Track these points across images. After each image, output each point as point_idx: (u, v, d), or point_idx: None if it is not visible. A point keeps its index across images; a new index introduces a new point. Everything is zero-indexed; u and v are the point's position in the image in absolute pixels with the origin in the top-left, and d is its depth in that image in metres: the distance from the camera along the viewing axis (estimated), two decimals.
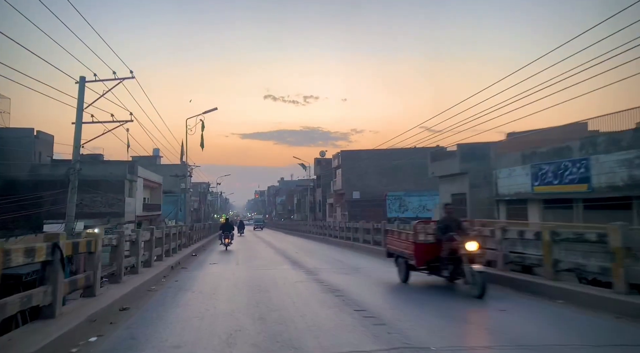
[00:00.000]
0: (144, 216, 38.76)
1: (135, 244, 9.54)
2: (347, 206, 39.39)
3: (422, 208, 37.87)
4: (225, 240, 20.46)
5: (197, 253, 18.38)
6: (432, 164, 22.97)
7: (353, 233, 20.43)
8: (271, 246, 21.88)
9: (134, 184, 34.18)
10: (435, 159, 22.91)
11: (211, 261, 14.70)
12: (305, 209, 66.76)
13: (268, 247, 21.46)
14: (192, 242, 21.37)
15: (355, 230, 20.19)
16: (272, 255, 16.84)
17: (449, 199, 20.71)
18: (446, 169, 20.99)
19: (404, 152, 40.21)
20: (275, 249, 19.74)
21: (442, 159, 22.17)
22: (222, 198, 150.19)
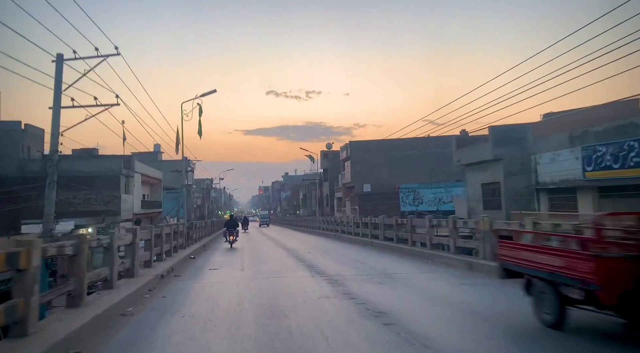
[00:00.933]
0: (143, 214, 36.70)
1: (110, 250, 7.34)
2: (358, 200, 37.16)
3: (438, 200, 35.60)
4: (230, 237, 19.67)
5: (197, 254, 16.23)
6: (457, 151, 20.66)
7: (372, 230, 18.22)
8: (280, 245, 19.69)
9: (131, 180, 32.05)
10: (461, 145, 20.58)
11: (212, 265, 12.52)
12: (311, 204, 64.59)
13: (276, 246, 19.29)
14: (192, 242, 19.25)
15: (375, 225, 17.96)
16: (282, 256, 14.63)
17: (478, 189, 18.45)
18: (475, 155, 18.69)
19: (416, 142, 37.85)
20: (286, 249, 17.55)
21: (470, 144, 19.84)
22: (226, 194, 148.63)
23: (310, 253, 15.14)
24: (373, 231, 18.23)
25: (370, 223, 18.46)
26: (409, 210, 35.11)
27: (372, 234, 18.21)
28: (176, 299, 7.34)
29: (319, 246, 18.23)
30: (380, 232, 17.05)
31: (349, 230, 22.50)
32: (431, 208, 35.12)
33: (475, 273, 9.32)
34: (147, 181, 40.45)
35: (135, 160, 32.77)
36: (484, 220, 9.72)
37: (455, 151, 20.59)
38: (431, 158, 38.51)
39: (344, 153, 42.96)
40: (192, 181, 72.17)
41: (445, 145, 39.83)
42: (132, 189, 32.34)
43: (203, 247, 19.27)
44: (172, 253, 13.53)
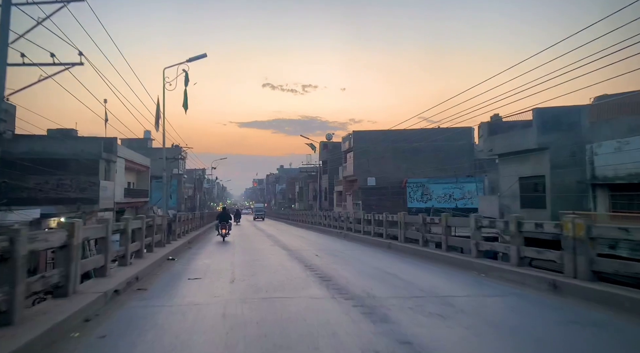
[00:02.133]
0: (126, 203, 33.59)
1: (12, 260, 4.37)
2: (361, 195, 34.32)
3: (448, 197, 32.85)
4: (222, 230, 18.74)
5: (179, 254, 13.29)
6: (489, 139, 17.76)
7: (388, 228, 15.39)
8: (279, 244, 16.78)
9: (113, 166, 28.92)
10: (494, 131, 17.68)
11: (193, 272, 9.56)
12: (308, 198, 61.71)
13: (274, 244, 16.38)
14: (176, 237, 16.30)
15: (391, 223, 15.11)
16: (284, 259, 11.70)
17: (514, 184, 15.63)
18: (513, 144, 15.83)
19: (425, 133, 35.05)
20: (286, 249, 14.62)
21: (505, 131, 16.97)
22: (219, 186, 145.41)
23: (319, 256, 12.24)
24: (390, 230, 15.40)
25: (385, 220, 15.59)
26: (416, 207, 32.33)
27: (389, 234, 15.37)
28: (120, 344, 4.40)
29: (326, 247, 15.34)
30: (399, 232, 14.20)
31: (356, 228, 19.65)
32: (441, 205, 32.36)
33: (567, 298, 6.48)
34: (132, 168, 37.29)
35: (117, 143, 29.58)
36: (577, 223, 6.86)
37: (487, 139, 17.70)
38: (441, 151, 35.74)
39: (346, 143, 40.05)
40: (183, 170, 69.04)
41: (456, 137, 37.03)
42: (114, 176, 29.21)
43: (188, 244, 16.33)
44: (143, 254, 10.59)
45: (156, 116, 16.89)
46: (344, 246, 15.55)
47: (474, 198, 32.22)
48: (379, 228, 16.49)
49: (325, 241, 18.29)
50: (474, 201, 32.23)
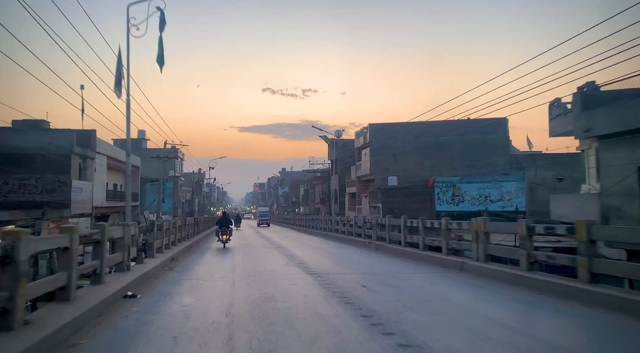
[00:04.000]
0: (109, 207, 29.08)
1: None
2: (381, 196, 29.79)
3: (484, 198, 28.30)
4: (223, 236, 17.81)
5: (151, 282, 8.74)
6: (584, 114, 13.18)
7: (449, 239, 10.89)
8: (296, 261, 12.05)
9: (90, 163, 24.42)
10: (590, 105, 13.09)
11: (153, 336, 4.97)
12: (314, 201, 57.22)
13: (291, 263, 11.64)
14: (154, 253, 11.80)
15: (449, 231, 10.61)
16: (318, 299, 6.74)
17: (628, 176, 11.10)
18: (628, 119, 11.28)
19: (453, 125, 30.59)
20: (311, 273, 9.55)
21: (606, 103, 12.45)
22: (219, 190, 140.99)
23: (368, 288, 7.64)
24: (454, 242, 10.92)
25: (446, 228, 11.05)
26: (446, 210, 27.81)
27: (452, 247, 10.87)
28: None
29: (365, 268, 10.77)
30: (476, 247, 9.66)
31: (392, 237, 15.14)
32: (476, 207, 27.85)
33: None
34: (118, 168, 32.82)
35: (96, 137, 25.10)
36: None
37: (580, 115, 12.98)
38: (471, 145, 31.26)
39: (361, 139, 35.57)
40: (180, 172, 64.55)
41: (489, 130, 32.55)
42: (92, 176, 24.71)
43: (170, 262, 11.79)
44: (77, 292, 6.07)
45: (116, 74, 12.16)
46: (389, 266, 11.00)
47: (514, 199, 27.74)
48: (434, 240, 12.01)
49: (357, 256, 13.71)
50: (513, 202, 27.75)
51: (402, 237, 14.05)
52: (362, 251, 15.27)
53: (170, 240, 14.63)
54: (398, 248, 13.97)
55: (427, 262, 11.14)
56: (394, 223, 15.46)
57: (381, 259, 12.65)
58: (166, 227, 14.18)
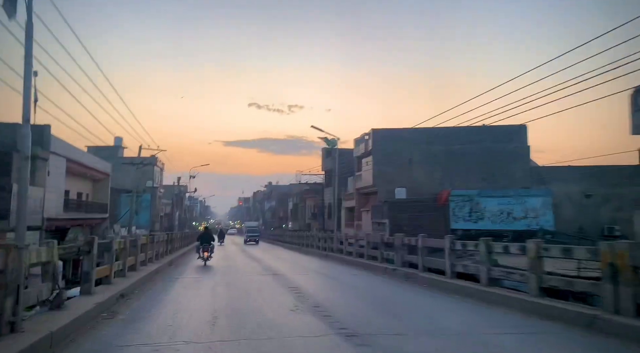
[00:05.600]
0: (70, 219, 24.61)
1: None
2: (387, 211, 25.95)
3: (507, 215, 24.71)
4: (204, 254, 16.67)
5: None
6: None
7: (539, 271, 7.12)
8: (317, 311, 7.33)
9: (41, 164, 20.10)
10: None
11: None
12: (305, 216, 53.12)
13: (304, 310, 7.31)
14: (92, 286, 7.69)
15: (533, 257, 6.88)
16: None
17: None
18: None
19: (467, 131, 27.21)
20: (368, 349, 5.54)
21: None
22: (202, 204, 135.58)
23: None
24: (556, 280, 7.15)
25: (536, 253, 7.27)
26: (463, 228, 24.14)
27: (552, 286, 7.08)
28: None
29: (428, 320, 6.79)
30: (611, 290, 5.89)
31: (428, 264, 11.31)
32: (497, 226, 24.24)
33: None
34: (83, 174, 28.40)
35: (51, 134, 20.83)
36: None
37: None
38: (487, 155, 27.83)
39: (361, 146, 31.88)
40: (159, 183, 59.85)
41: (506, 138, 29.30)
42: (44, 180, 20.35)
43: (115, 303, 7.67)
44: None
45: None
46: (459, 316, 7.02)
47: (540, 216, 24.22)
48: (510, 271, 8.23)
49: (393, 294, 9.62)
50: (539, 220, 24.22)
51: (448, 265, 10.19)
52: (391, 282, 11.30)
53: (125, 265, 10.51)
54: (442, 280, 10.10)
55: (510, 308, 7.24)
56: (431, 244, 11.62)
57: (431, 299, 8.69)
58: (118, 247, 10.07)
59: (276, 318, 6.48)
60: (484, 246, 8.84)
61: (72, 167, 24.99)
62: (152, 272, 12.45)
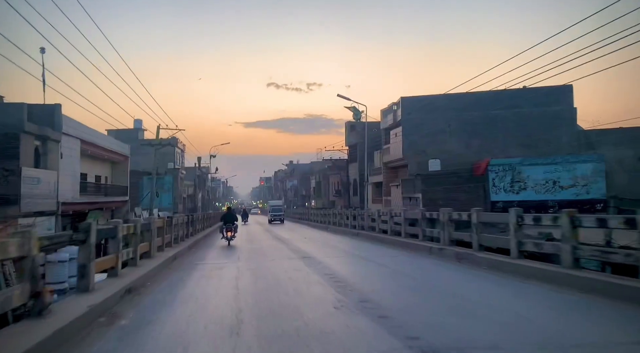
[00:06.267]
0: (88, 203, 23.77)
1: None
2: (420, 184, 24.15)
3: (552, 184, 22.58)
4: (228, 233, 16.67)
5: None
6: None
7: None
8: (372, 310, 5.76)
9: (53, 146, 19.05)
10: None
11: None
12: (328, 193, 51.73)
13: (355, 310, 5.59)
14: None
15: None
16: None
17: None
18: None
19: (506, 95, 24.87)
20: None
21: None
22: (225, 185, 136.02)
23: None
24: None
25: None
26: (504, 200, 22.21)
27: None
28: None
29: (539, 329, 5.16)
30: None
31: (484, 242, 9.63)
32: (540, 196, 22.21)
33: None
34: (100, 156, 27.45)
35: (62, 114, 19.67)
36: None
37: None
38: (528, 120, 25.50)
39: (389, 117, 29.89)
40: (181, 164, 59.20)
41: (548, 101, 26.75)
42: (57, 163, 19.33)
43: (119, 302, 6.31)
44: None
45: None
46: (576, 323, 5.37)
47: (592, 184, 22.02)
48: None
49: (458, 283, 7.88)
50: (589, 188, 22.04)
51: (514, 243, 8.45)
52: (442, 265, 9.65)
53: (137, 252, 9.19)
54: (506, 261, 8.41)
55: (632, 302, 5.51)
56: (488, 219, 9.89)
57: (503, 288, 7.01)
58: (128, 232, 8.72)
59: (319, 321, 4.95)
60: (567, 220, 7.08)
61: (88, 149, 23.99)
62: (170, 258, 11.18)
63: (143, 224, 10.22)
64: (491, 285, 7.22)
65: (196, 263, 11.11)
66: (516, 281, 7.26)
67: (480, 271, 8.45)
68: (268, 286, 7.30)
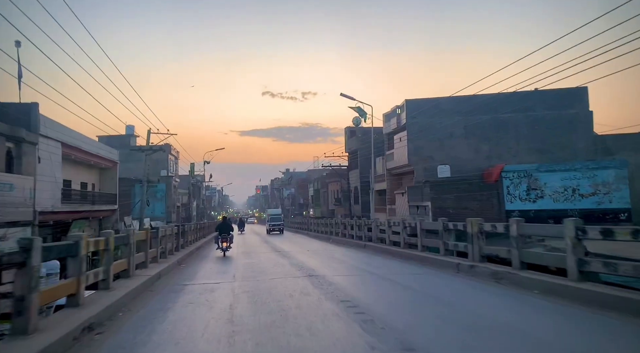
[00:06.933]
0: (71, 212, 22.03)
1: None
2: (428, 192, 22.57)
3: (572, 192, 21.09)
4: (223, 244, 16.19)
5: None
6: None
7: None
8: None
9: (29, 149, 17.37)
10: None
11: None
12: (327, 201, 50.09)
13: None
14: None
15: None
16: None
17: None
18: None
19: (517, 97, 23.49)
20: None
21: None
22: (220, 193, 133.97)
23: None
24: None
25: None
26: (520, 208, 20.68)
27: None
28: None
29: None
30: None
31: (527, 258, 8.05)
32: (559, 205, 20.69)
33: None
34: (85, 161, 25.74)
35: (39, 113, 18.01)
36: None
37: None
38: (541, 124, 24.11)
39: (392, 121, 28.43)
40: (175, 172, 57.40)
41: (562, 104, 25.41)
42: (34, 167, 17.62)
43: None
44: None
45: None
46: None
47: (614, 192, 20.54)
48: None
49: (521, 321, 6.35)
50: (612, 196, 20.55)
51: (573, 261, 6.87)
52: (479, 288, 8.02)
53: (109, 273, 7.51)
54: (564, 284, 6.82)
55: None
56: (536, 231, 8.31)
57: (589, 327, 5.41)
58: (96, 248, 7.05)
59: None
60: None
61: (72, 154, 22.29)
62: (153, 277, 9.49)
63: (119, 237, 8.56)
64: (564, 319, 5.59)
65: (184, 283, 9.41)
66: (588, 313, 5.66)
67: (534, 297, 6.84)
68: (272, 321, 5.64)
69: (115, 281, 8.17)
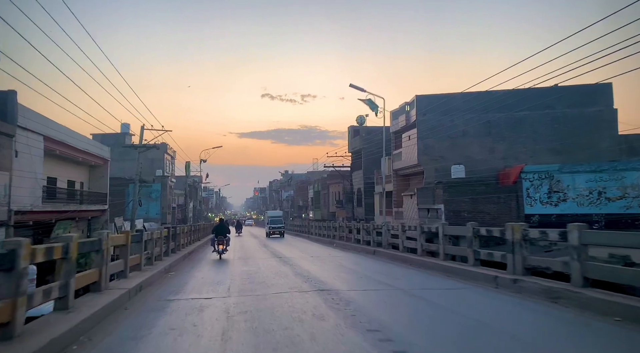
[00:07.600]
0: (54, 212, 20.33)
1: None
2: (441, 194, 20.96)
3: (597, 195, 19.51)
4: (219, 246, 15.83)
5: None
6: None
7: None
8: None
9: (6, 142, 15.71)
10: None
11: None
12: (328, 204, 48.46)
13: None
14: None
15: None
16: None
17: None
18: None
19: (535, 94, 21.96)
20: None
21: None
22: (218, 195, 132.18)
23: None
24: None
25: None
26: (541, 213, 19.11)
27: None
28: None
29: None
30: None
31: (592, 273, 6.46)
32: (584, 209, 19.12)
33: None
34: (73, 158, 24.06)
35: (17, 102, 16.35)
36: None
37: None
38: (561, 122, 22.57)
39: (401, 118, 26.87)
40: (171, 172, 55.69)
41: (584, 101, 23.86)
42: (11, 162, 15.97)
43: None
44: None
45: None
46: None
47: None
48: None
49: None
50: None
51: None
52: (547, 311, 6.40)
53: (69, 288, 5.87)
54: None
55: None
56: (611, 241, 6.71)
57: None
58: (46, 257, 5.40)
59: None
60: None
61: (57, 149, 20.64)
62: (131, 291, 7.84)
63: (87, 242, 6.93)
64: None
65: (168, 298, 7.77)
66: None
67: (614, 326, 5.24)
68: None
69: (80, 297, 6.55)
